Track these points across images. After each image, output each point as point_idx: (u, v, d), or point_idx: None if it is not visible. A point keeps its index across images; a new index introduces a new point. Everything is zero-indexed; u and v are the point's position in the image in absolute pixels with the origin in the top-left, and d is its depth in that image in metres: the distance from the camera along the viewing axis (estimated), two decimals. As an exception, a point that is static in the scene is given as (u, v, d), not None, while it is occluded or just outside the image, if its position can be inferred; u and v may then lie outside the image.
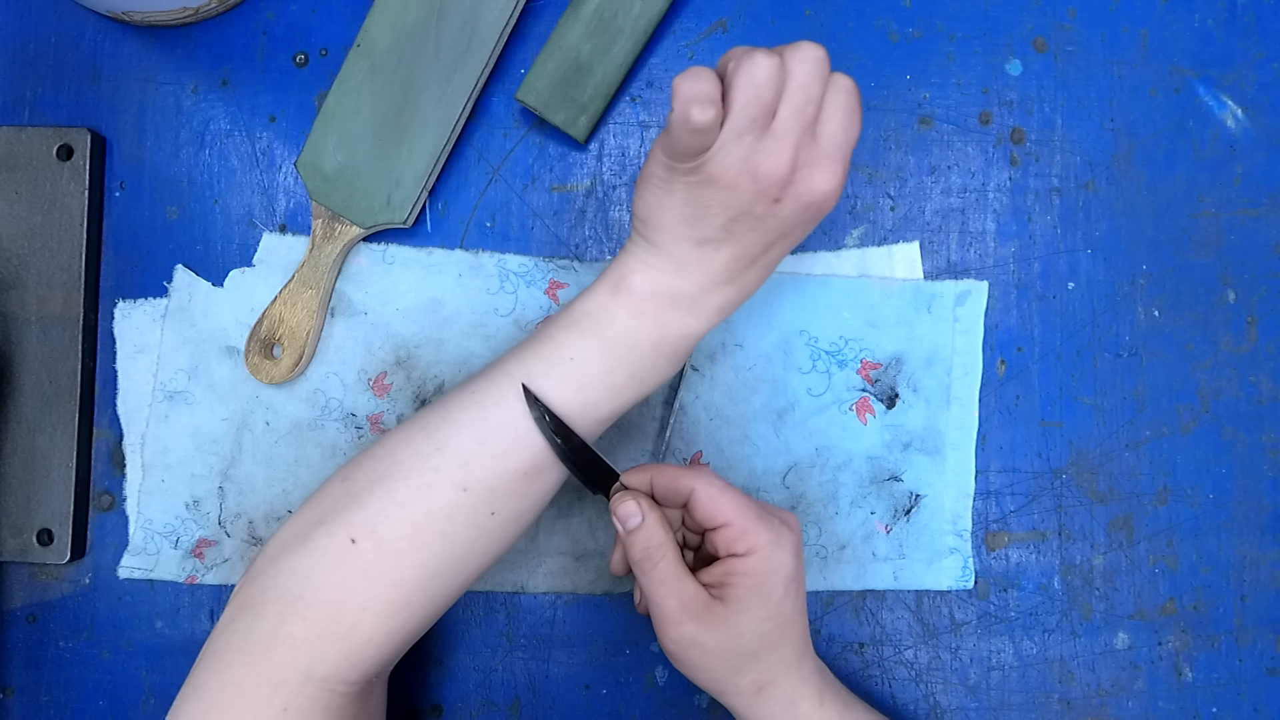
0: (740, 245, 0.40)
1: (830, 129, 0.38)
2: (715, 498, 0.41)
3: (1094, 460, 0.52)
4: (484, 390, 0.42)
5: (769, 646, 0.41)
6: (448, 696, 0.51)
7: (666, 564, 0.41)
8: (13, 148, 0.51)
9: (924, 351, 0.52)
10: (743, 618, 0.40)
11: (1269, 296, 0.52)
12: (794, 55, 0.37)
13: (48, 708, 0.51)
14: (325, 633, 0.39)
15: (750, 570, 0.40)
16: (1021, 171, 0.52)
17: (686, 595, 0.40)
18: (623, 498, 0.42)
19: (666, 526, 0.41)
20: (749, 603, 0.40)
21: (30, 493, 0.51)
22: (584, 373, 0.41)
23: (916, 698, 0.51)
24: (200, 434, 0.51)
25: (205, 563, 0.51)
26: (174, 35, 0.53)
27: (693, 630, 0.40)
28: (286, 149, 0.53)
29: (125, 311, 0.52)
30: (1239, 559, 0.51)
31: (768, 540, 0.40)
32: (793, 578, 0.41)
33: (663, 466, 0.43)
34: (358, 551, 0.40)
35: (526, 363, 0.42)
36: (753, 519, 0.40)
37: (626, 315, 0.41)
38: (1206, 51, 0.53)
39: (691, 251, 0.40)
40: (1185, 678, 0.51)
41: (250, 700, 0.38)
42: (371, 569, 0.40)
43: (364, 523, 0.40)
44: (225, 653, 0.40)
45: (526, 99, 0.50)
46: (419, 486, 0.40)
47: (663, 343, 0.42)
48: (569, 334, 0.42)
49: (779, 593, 0.40)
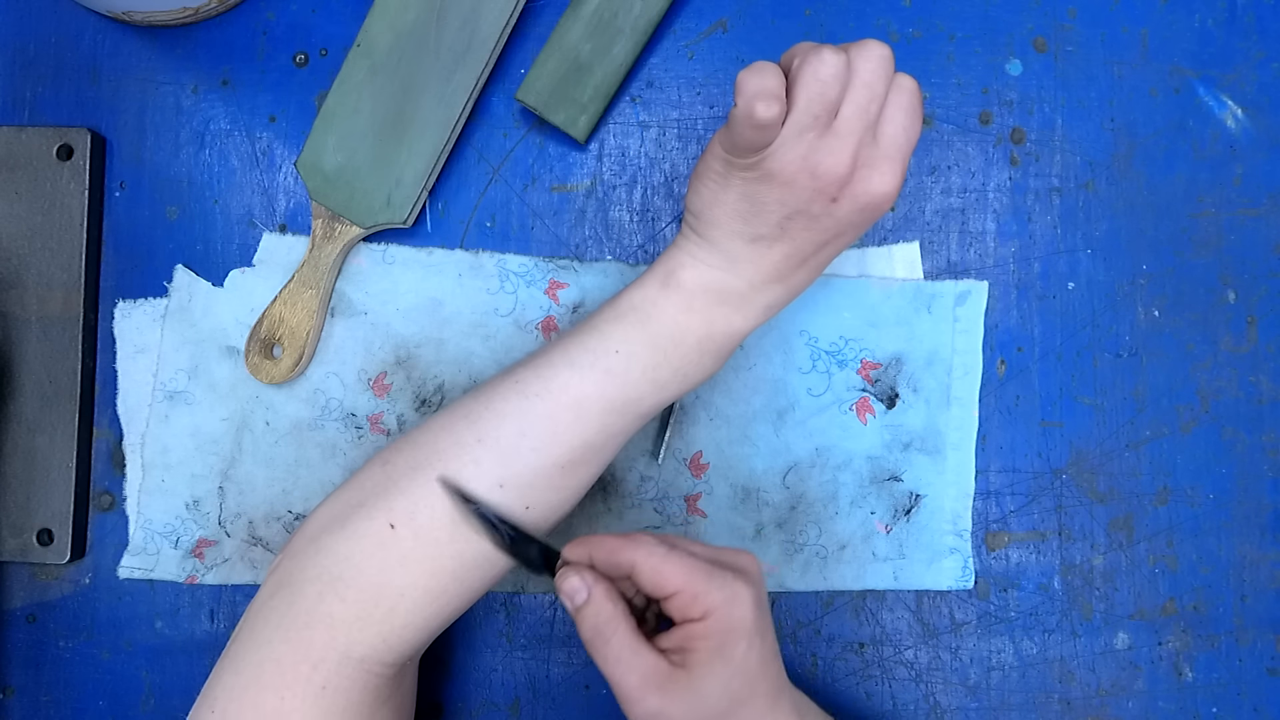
0: (794, 243, 0.40)
1: (891, 129, 0.38)
2: (657, 568, 0.38)
3: (1094, 460, 0.52)
4: (528, 380, 0.41)
5: (739, 704, 0.39)
6: (448, 696, 0.51)
7: (619, 638, 0.38)
8: (13, 148, 0.51)
9: (924, 351, 0.52)
10: (707, 682, 0.38)
11: (1269, 296, 0.52)
12: (860, 53, 0.37)
13: (48, 708, 0.51)
14: (363, 615, 0.39)
15: (708, 633, 0.38)
16: (1021, 171, 0.52)
17: (646, 667, 0.38)
18: (566, 574, 0.40)
19: (615, 598, 0.39)
20: (712, 666, 0.38)
21: (30, 493, 0.51)
22: (629, 366, 0.41)
23: (916, 698, 0.51)
24: (200, 434, 0.51)
25: (205, 563, 0.51)
26: (174, 35, 0.53)
27: (657, 703, 0.38)
28: (286, 149, 0.53)
29: (125, 311, 0.52)
30: (1239, 559, 0.51)
31: (722, 599, 0.38)
32: (754, 631, 0.39)
33: (601, 539, 0.40)
34: (397, 538, 0.40)
35: (572, 353, 0.41)
36: (703, 580, 0.38)
37: (675, 310, 0.41)
38: (1206, 51, 0.53)
39: (744, 248, 0.40)
40: (1185, 678, 0.51)
41: (289, 677, 0.39)
42: (410, 556, 0.40)
43: (404, 509, 0.40)
44: (264, 629, 0.40)
45: (526, 99, 0.50)
46: (459, 477, 0.40)
47: (709, 339, 0.42)
48: (615, 326, 0.41)
49: (741, 649, 0.38)
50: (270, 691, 0.39)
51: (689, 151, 0.52)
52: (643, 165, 0.52)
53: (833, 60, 0.36)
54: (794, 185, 0.38)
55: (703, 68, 0.53)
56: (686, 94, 0.53)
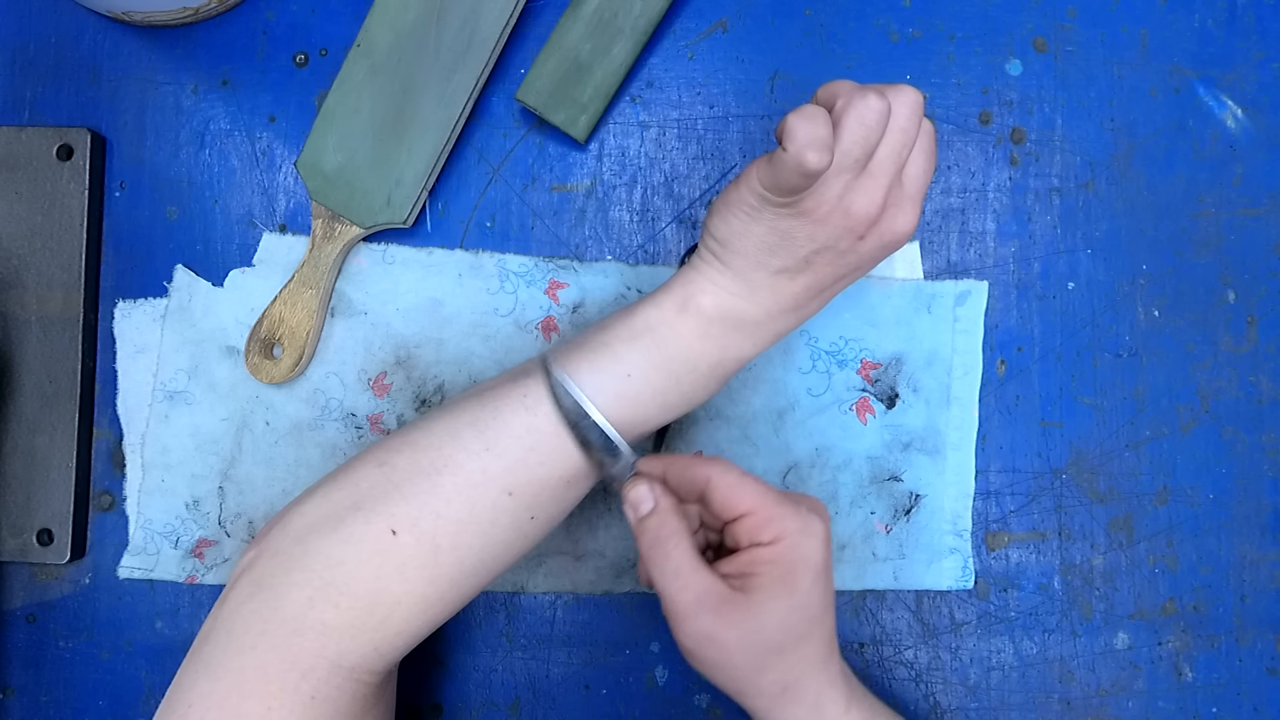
0: (816, 276, 0.40)
1: (914, 170, 0.39)
2: (733, 485, 0.39)
3: (1094, 460, 0.52)
4: (537, 396, 0.41)
5: (794, 642, 0.38)
6: (448, 696, 0.51)
7: (680, 552, 0.38)
8: (13, 148, 0.51)
9: (924, 351, 0.52)
10: (766, 609, 0.38)
11: (1269, 296, 0.52)
12: (897, 98, 0.38)
13: (48, 708, 0.51)
14: (357, 623, 0.38)
15: (776, 559, 0.38)
16: (1021, 171, 0.52)
17: (702, 587, 0.38)
18: (635, 482, 0.40)
19: (680, 515, 0.39)
20: (773, 593, 0.38)
21: (30, 493, 0.51)
22: (641, 390, 0.41)
23: (916, 698, 0.51)
24: (200, 434, 0.51)
25: (205, 563, 0.51)
26: (174, 35, 0.53)
27: (710, 624, 0.37)
28: (286, 149, 0.53)
29: (125, 311, 0.52)
30: (1239, 559, 0.51)
31: (795, 528, 0.38)
32: (821, 568, 0.39)
33: (676, 457, 0.41)
34: (398, 544, 0.39)
35: (582, 371, 0.41)
36: (776, 505, 0.39)
37: (692, 335, 0.41)
38: (1206, 51, 0.53)
39: (767, 279, 0.40)
40: (1185, 678, 0.51)
41: (276, 686, 0.37)
42: (410, 563, 0.39)
43: (407, 515, 0.39)
44: (245, 634, 0.38)
45: (526, 99, 0.50)
46: (466, 485, 0.40)
47: (719, 366, 0.42)
48: (629, 348, 0.41)
49: (806, 583, 0.38)
50: (254, 700, 0.37)
51: (689, 151, 0.52)
52: (643, 165, 0.52)
53: (878, 106, 0.37)
54: (827, 223, 0.39)
55: (703, 68, 0.53)
56: (686, 94, 0.53)
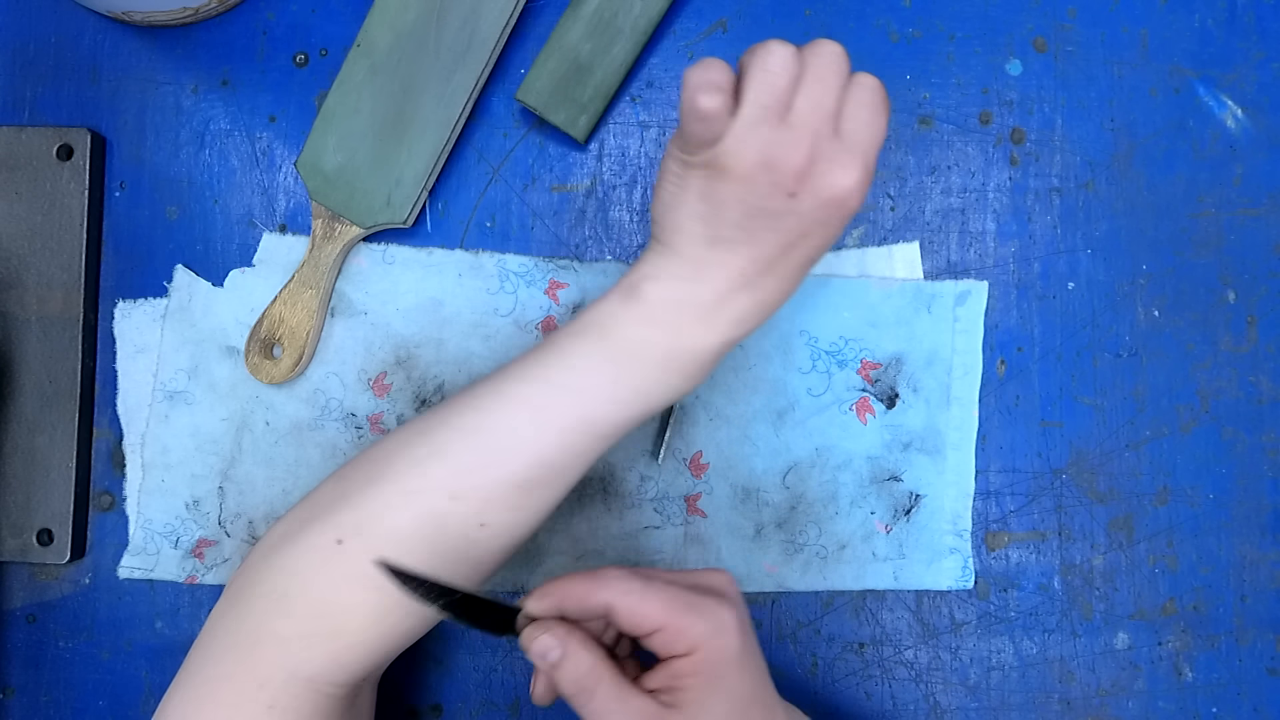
0: (758, 246, 0.38)
1: (852, 125, 0.37)
2: (634, 607, 0.37)
3: (1094, 460, 0.52)
4: (482, 395, 0.41)
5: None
6: (448, 696, 0.51)
7: (604, 689, 0.37)
8: (13, 148, 0.51)
9: (924, 351, 0.52)
10: (701, 713, 0.36)
11: (1269, 296, 0.52)
12: (811, 49, 0.37)
13: (48, 708, 0.51)
14: (310, 631, 0.39)
15: (697, 669, 0.36)
16: (1021, 171, 0.52)
17: (636, 715, 0.36)
18: (533, 632, 0.37)
19: (591, 646, 0.37)
20: (705, 703, 0.36)
21: (30, 493, 0.51)
22: (586, 383, 0.40)
23: (916, 698, 0.51)
24: (200, 434, 0.51)
25: (205, 563, 0.51)
26: (174, 35, 0.53)
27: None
28: (286, 149, 0.53)
29: (125, 311, 0.52)
30: (1239, 559, 0.51)
31: (707, 630, 0.36)
32: (742, 656, 0.37)
33: (566, 584, 0.38)
34: (344, 552, 0.39)
35: (530, 369, 0.40)
36: (684, 613, 0.37)
37: (636, 324, 0.40)
38: (1206, 51, 0.53)
39: (707, 252, 0.39)
40: (1185, 678, 0.51)
41: (237, 696, 0.38)
42: (356, 572, 0.39)
43: (351, 523, 0.39)
44: (215, 645, 0.39)
45: (526, 99, 0.50)
46: (407, 491, 0.39)
47: (673, 356, 0.40)
48: (574, 342, 0.40)
49: (733, 678, 0.37)
50: (221, 710, 0.38)
51: (689, 151, 0.52)
52: (643, 165, 0.52)
53: (780, 51, 0.36)
54: (751, 181, 0.37)
55: (703, 68, 0.53)
56: (686, 94, 0.53)
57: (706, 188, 0.38)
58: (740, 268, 0.39)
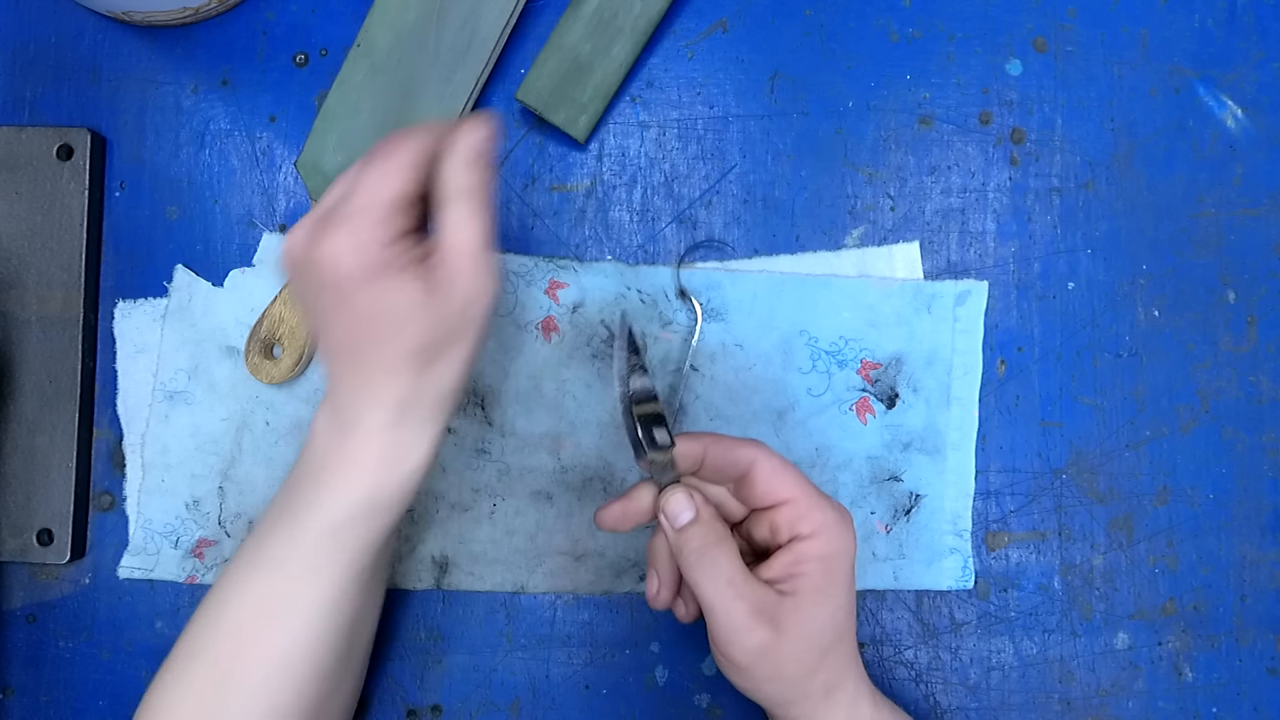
0: (323, 336, 0.37)
1: (335, 193, 0.36)
2: (777, 469, 0.37)
3: (1094, 460, 0.52)
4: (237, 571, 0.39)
5: (840, 639, 0.37)
6: (448, 696, 0.51)
7: (730, 561, 0.36)
8: (13, 148, 0.51)
9: (924, 351, 0.52)
10: (819, 610, 0.36)
11: (1269, 296, 0.52)
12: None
13: (48, 708, 0.51)
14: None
15: (822, 554, 0.36)
16: (1021, 171, 0.52)
17: (756, 596, 0.36)
18: (673, 490, 0.38)
19: (722, 519, 0.37)
20: (825, 591, 0.36)
21: (30, 493, 0.51)
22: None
23: (916, 698, 0.51)
24: (200, 434, 0.51)
25: (205, 563, 0.51)
26: (174, 35, 0.53)
27: (765, 637, 0.35)
28: (286, 149, 0.53)
29: (125, 311, 0.52)
30: (1239, 559, 0.51)
31: (835, 518, 0.37)
32: (853, 563, 0.38)
33: (719, 436, 0.38)
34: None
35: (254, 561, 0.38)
36: (815, 495, 0.37)
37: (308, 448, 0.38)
38: (1206, 51, 0.53)
39: (325, 363, 0.38)
40: (1185, 678, 0.51)
41: None
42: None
43: (155, 705, 0.38)
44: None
45: (526, 99, 0.50)
46: (194, 669, 0.37)
47: (316, 466, 0.37)
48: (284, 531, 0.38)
49: (849, 576, 0.37)
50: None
51: (689, 151, 0.52)
52: (643, 165, 0.52)
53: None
54: (293, 275, 0.36)
55: (703, 68, 0.53)
56: (686, 94, 0.53)
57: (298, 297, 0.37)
58: (326, 362, 0.37)
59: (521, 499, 0.51)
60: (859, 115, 0.52)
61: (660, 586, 0.41)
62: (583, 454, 0.51)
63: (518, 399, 0.51)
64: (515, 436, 0.51)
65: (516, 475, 0.51)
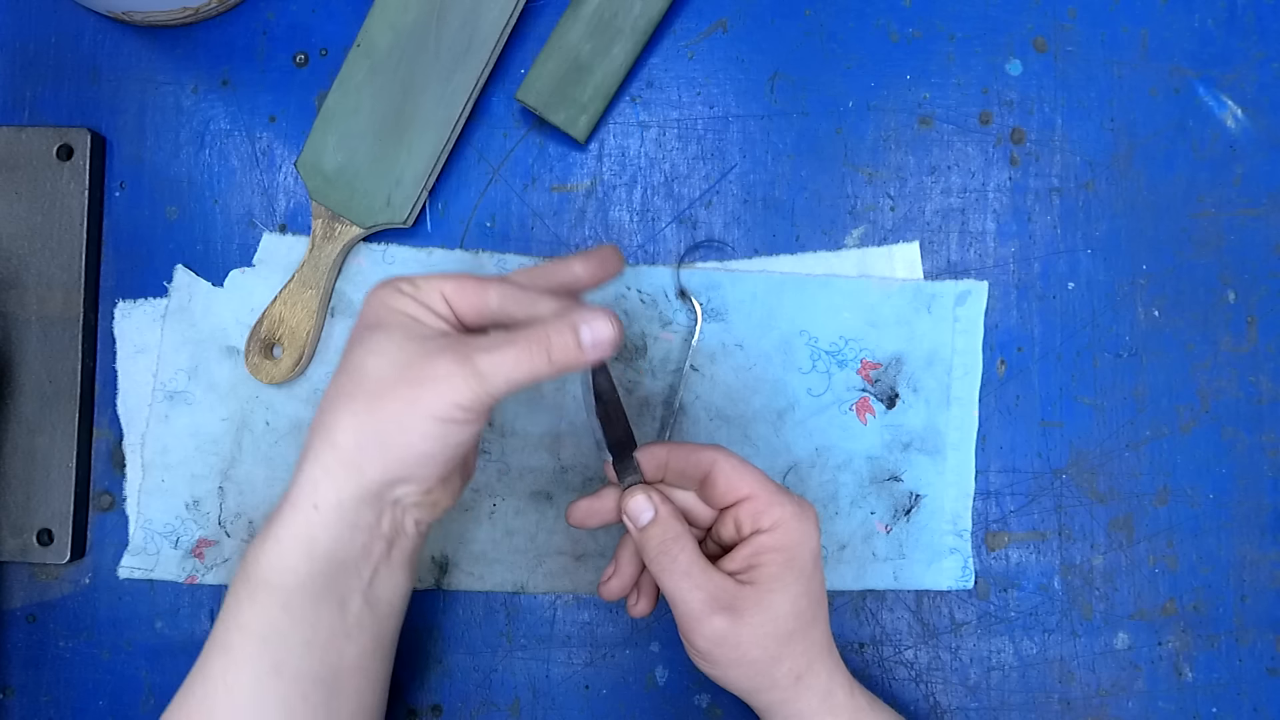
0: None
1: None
2: (736, 468, 0.40)
3: (1094, 460, 0.52)
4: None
5: (804, 627, 0.39)
6: (448, 696, 0.51)
7: (687, 555, 0.39)
8: (13, 148, 0.51)
9: (924, 351, 0.52)
10: (778, 598, 0.38)
11: (1269, 296, 0.52)
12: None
13: (48, 708, 0.51)
14: None
15: (779, 545, 0.39)
16: (1021, 171, 0.52)
17: (713, 585, 0.38)
18: (633, 492, 0.40)
19: (681, 518, 0.40)
20: (783, 579, 0.38)
21: (30, 493, 0.51)
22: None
23: (916, 698, 0.51)
24: (200, 434, 0.51)
25: (205, 563, 0.51)
26: (174, 35, 0.53)
27: (723, 624, 0.38)
28: (286, 149, 0.53)
29: (125, 311, 0.52)
30: (1239, 559, 0.51)
31: (793, 512, 0.39)
32: (817, 552, 0.40)
33: (679, 444, 0.41)
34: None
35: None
36: (775, 491, 0.40)
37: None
38: (1206, 51, 0.53)
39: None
40: (1185, 678, 0.51)
41: None
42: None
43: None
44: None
45: (526, 99, 0.50)
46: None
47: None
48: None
49: (810, 566, 0.39)
50: None
51: (689, 151, 0.52)
52: (643, 165, 0.52)
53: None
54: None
55: (703, 68, 0.53)
56: (686, 94, 0.53)
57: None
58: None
59: (521, 499, 0.51)
60: (859, 115, 0.52)
61: (613, 576, 0.44)
62: (583, 454, 0.51)
63: (518, 399, 0.51)
64: (515, 436, 0.51)
65: (516, 475, 0.51)
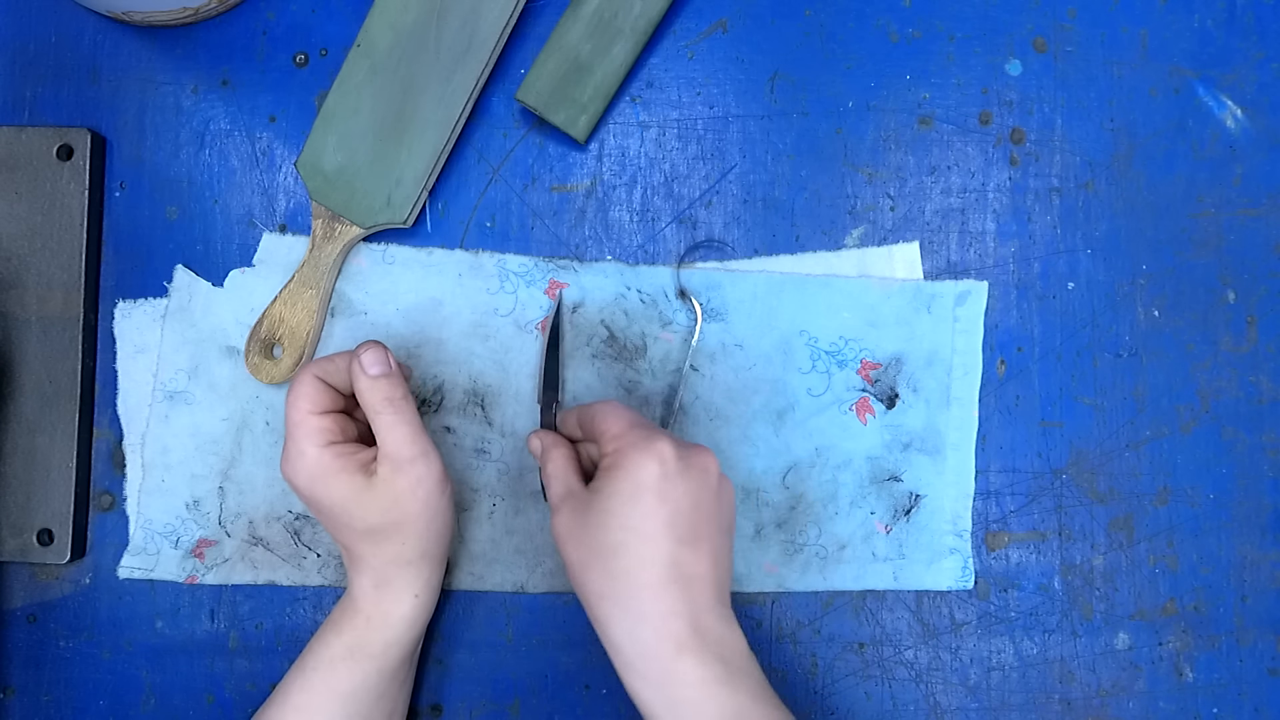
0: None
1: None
2: (606, 411, 0.44)
3: (1094, 460, 0.52)
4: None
5: (623, 550, 0.41)
6: (448, 696, 0.51)
7: (557, 457, 0.45)
8: (13, 148, 0.51)
9: (924, 351, 0.52)
10: (595, 507, 0.42)
11: (1269, 296, 0.52)
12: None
13: (48, 708, 0.51)
14: None
15: (610, 465, 0.42)
16: (1021, 171, 0.52)
17: (566, 486, 0.44)
18: (530, 438, 0.48)
19: (564, 444, 0.46)
20: (605, 494, 0.42)
21: (30, 493, 0.51)
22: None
23: (916, 698, 0.51)
24: (200, 434, 0.51)
25: (205, 563, 0.51)
26: (174, 35, 0.53)
27: (565, 518, 0.43)
28: (286, 149, 0.53)
29: (125, 311, 0.52)
30: (1239, 559, 0.51)
31: (633, 443, 0.42)
32: (650, 487, 0.41)
33: (583, 405, 0.47)
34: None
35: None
36: (630, 429, 0.43)
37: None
38: (1206, 51, 0.53)
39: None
40: (1186, 678, 0.51)
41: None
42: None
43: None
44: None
45: (526, 99, 0.50)
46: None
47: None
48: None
49: (628, 492, 0.41)
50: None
51: (689, 151, 0.52)
52: (643, 165, 0.52)
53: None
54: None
55: (703, 68, 0.53)
56: (686, 94, 0.53)
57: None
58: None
59: (521, 499, 0.51)
60: (859, 115, 0.52)
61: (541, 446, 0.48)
62: (583, 454, 0.51)
63: (518, 399, 0.51)
64: (515, 436, 0.51)
65: (516, 475, 0.51)
